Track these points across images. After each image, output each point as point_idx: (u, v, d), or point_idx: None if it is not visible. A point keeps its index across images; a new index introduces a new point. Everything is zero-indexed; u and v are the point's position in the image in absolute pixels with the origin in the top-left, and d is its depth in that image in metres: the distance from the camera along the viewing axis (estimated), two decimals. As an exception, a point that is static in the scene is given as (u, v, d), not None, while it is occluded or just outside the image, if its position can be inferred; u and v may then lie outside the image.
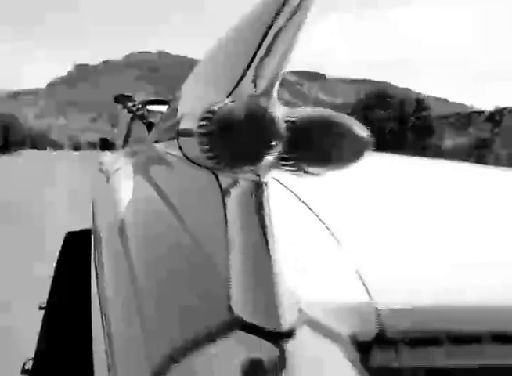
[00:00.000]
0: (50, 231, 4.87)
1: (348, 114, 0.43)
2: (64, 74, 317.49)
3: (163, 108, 2.56)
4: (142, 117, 2.76)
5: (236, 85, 0.53)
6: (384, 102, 20.88)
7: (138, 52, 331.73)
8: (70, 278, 1.25)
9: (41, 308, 2.40)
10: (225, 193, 0.49)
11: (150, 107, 2.97)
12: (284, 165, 0.44)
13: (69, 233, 1.54)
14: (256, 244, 0.45)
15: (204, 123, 0.43)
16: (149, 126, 2.69)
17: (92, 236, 1.21)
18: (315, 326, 0.49)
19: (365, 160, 0.46)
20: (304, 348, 0.46)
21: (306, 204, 0.70)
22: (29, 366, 1.72)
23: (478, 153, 18.91)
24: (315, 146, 0.43)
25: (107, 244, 0.91)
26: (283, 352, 0.43)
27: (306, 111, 0.45)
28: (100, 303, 0.78)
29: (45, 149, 67.32)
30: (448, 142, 20.42)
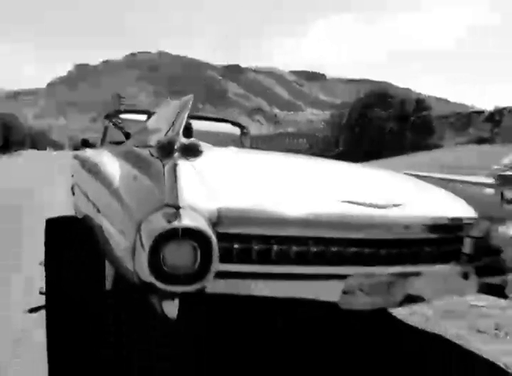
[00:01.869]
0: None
1: (348, 113, 0.71)
2: (64, 74, 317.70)
3: (135, 117, 3.95)
4: (121, 128, 3.96)
5: (167, 131, 1.61)
6: (385, 101, 20.80)
7: (139, 52, 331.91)
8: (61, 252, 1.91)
9: (41, 293, 2.40)
10: (164, 166, 1.47)
11: (124, 116, 4.14)
12: (184, 157, 1.46)
13: (49, 220, 1.93)
14: (170, 179, 1.44)
15: (156, 144, 1.48)
16: (126, 134, 3.73)
17: (91, 204, 2.02)
18: (190, 208, 1.47)
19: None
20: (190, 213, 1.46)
21: (196, 168, 1.69)
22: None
23: (478, 153, 18.84)
24: (191, 151, 1.47)
25: (105, 194, 1.89)
26: (180, 218, 1.42)
27: (189, 140, 1.48)
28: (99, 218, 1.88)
29: (45, 149, 67.12)
30: (449, 142, 20.38)
